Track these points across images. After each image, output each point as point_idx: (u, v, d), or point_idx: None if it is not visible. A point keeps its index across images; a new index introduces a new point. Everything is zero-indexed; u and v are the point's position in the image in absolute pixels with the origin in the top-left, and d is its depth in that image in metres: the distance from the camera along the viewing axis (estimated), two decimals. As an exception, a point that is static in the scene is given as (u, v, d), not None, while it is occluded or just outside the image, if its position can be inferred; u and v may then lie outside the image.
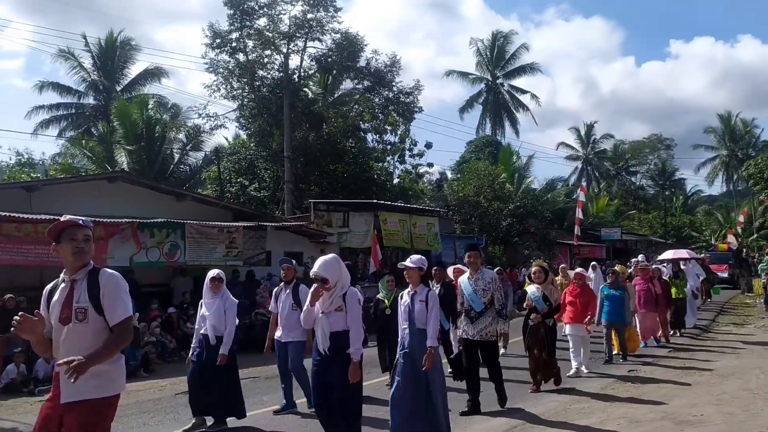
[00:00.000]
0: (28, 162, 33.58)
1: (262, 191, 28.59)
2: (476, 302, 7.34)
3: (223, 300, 7.22)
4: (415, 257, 6.44)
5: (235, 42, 27.27)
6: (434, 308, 6.17)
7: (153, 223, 13.49)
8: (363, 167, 29.30)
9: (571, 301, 10.06)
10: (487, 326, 7.32)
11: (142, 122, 25.89)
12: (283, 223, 18.17)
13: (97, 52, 32.91)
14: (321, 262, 5.43)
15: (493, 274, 7.63)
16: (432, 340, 6.07)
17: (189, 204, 16.42)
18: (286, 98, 26.55)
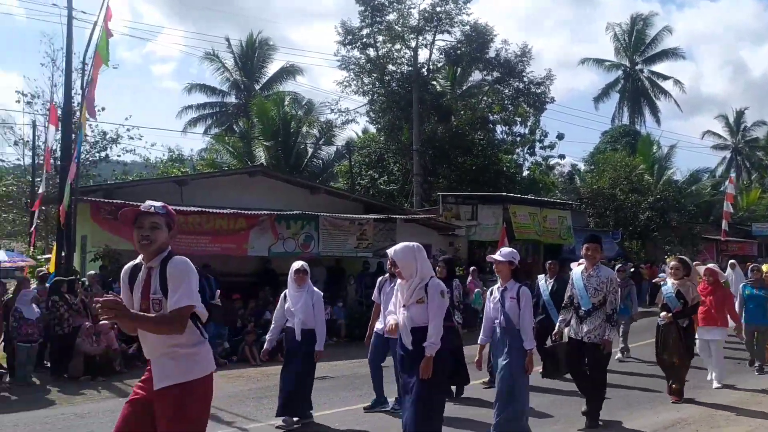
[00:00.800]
0: (178, 158, 36.25)
1: (392, 184, 29.05)
2: (585, 300, 6.60)
3: (309, 293, 6.93)
4: (505, 250, 6.10)
5: (365, 38, 27.86)
6: (527, 306, 5.81)
7: (289, 215, 14.15)
8: (492, 159, 28.96)
9: (701, 302, 9.20)
10: (595, 328, 6.56)
11: (279, 119, 27.18)
12: (412, 216, 18.38)
13: (239, 53, 34.88)
14: (397, 247, 5.16)
15: (611, 274, 6.80)
16: (530, 341, 5.76)
17: (322, 197, 17.04)
18: (415, 92, 26.79)
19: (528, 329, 5.78)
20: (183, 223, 12.45)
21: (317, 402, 7.70)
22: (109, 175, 27.52)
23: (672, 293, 7.86)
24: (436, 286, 5.04)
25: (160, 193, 14.08)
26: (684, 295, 7.79)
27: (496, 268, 5.99)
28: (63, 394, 9.07)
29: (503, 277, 5.93)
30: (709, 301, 8.94)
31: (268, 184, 16.40)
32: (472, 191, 23.55)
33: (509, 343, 5.90)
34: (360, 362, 10.01)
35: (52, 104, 17.40)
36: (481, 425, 6.51)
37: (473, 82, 31.31)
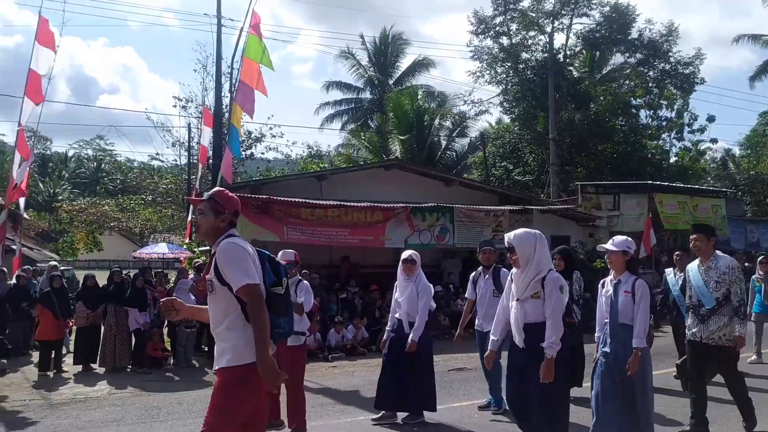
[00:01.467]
0: (317, 154, 37.73)
1: (527, 175, 28.49)
2: (706, 297, 5.83)
3: (416, 284, 6.67)
4: (618, 239, 5.46)
5: (498, 26, 27.46)
6: (643, 300, 5.17)
7: (424, 208, 14.29)
8: (635, 146, 27.54)
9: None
10: (722, 327, 5.78)
11: (413, 112, 27.47)
12: (549, 207, 17.92)
13: (372, 49, 35.62)
14: (517, 231, 4.93)
15: (731, 261, 5.94)
16: (640, 339, 5.13)
17: (456, 189, 17.03)
18: (551, 79, 26.04)
19: (642, 327, 5.16)
20: (323, 216, 12.97)
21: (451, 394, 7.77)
22: (254, 172, 29.18)
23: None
24: (554, 280, 4.73)
25: (301, 188, 14.76)
26: None
27: (609, 259, 5.43)
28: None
29: (616, 268, 5.40)
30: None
31: (403, 177, 16.64)
32: (614, 180, 22.55)
33: (623, 341, 5.29)
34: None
35: (205, 107, 18.71)
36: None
37: (614, 66, 29.95)
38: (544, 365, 4.57)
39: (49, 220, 48.39)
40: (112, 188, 51.19)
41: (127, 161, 58.06)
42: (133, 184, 36.92)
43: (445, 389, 8.25)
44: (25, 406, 7.96)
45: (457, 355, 10.47)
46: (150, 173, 35.17)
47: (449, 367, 10.09)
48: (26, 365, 10.85)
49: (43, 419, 7.26)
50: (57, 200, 51.50)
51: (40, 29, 10.97)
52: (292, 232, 12.80)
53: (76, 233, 43.19)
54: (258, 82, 10.64)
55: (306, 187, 14.99)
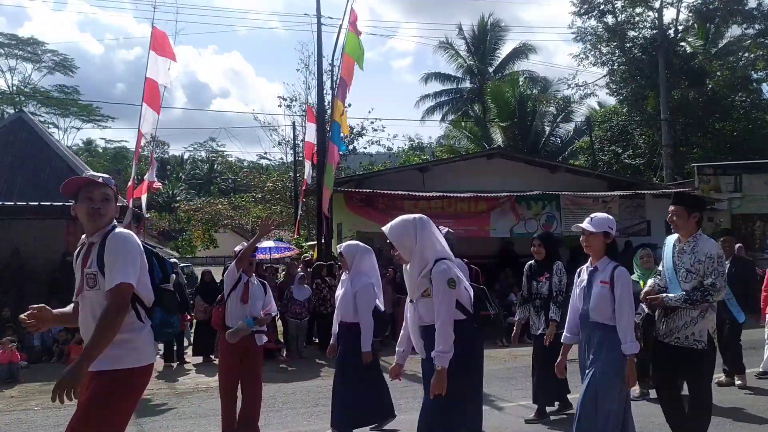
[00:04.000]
0: (418, 146, 37.84)
1: (637, 158, 27.25)
2: (674, 284, 4.63)
3: (351, 281, 5.79)
4: (599, 216, 4.48)
5: (602, 5, 26.36)
6: (625, 292, 4.16)
7: (529, 196, 14.03)
8: (757, 123, 25.67)
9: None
10: (687, 325, 4.54)
11: (514, 99, 26.98)
12: (663, 191, 17.08)
13: (471, 38, 35.22)
14: (390, 224, 3.99)
15: (713, 248, 4.58)
16: (630, 343, 4.11)
17: (562, 175, 16.59)
18: (661, 56, 24.71)
19: (627, 326, 4.14)
20: (426, 208, 13.02)
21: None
22: (357, 167, 29.67)
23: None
24: (441, 273, 3.76)
25: (403, 181, 14.88)
26: None
27: (585, 240, 4.44)
28: (330, 368, 10.04)
29: (594, 253, 4.40)
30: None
31: (506, 165, 16.40)
32: (734, 160, 21.14)
33: (599, 343, 4.28)
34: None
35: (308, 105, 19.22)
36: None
37: (731, 39, 27.98)
38: (434, 378, 3.71)
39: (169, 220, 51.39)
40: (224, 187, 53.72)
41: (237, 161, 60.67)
42: (244, 183, 38.53)
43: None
44: (153, 394, 8.51)
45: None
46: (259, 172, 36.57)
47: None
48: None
49: (169, 407, 7.74)
50: (175, 201, 54.61)
51: (155, 39, 11.62)
52: (397, 224, 12.91)
53: (193, 231, 45.61)
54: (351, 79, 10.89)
55: (409, 180, 15.09)
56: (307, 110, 17.39)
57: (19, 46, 39.93)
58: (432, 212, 13.10)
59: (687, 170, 22.07)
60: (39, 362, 11.17)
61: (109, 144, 62.04)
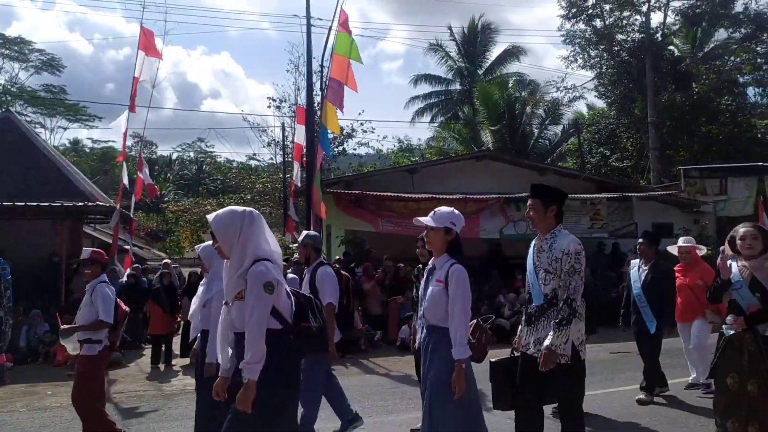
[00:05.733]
0: (408, 148, 37.91)
1: (625, 161, 27.45)
2: (535, 289, 4.22)
3: (208, 285, 5.04)
4: (442, 211, 4.05)
5: (591, 8, 26.55)
6: (459, 292, 3.78)
7: (518, 198, 14.07)
8: (742, 126, 25.92)
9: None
10: (550, 336, 4.04)
11: (503, 102, 27.08)
12: (650, 193, 17.21)
13: (461, 40, 35.31)
14: (215, 213, 3.57)
15: (571, 244, 4.12)
16: (459, 347, 3.74)
17: (551, 177, 16.66)
18: (649, 60, 24.92)
19: (459, 329, 3.77)
20: (416, 209, 13.02)
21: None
22: (346, 168, 29.67)
23: (741, 281, 4.56)
24: (259, 273, 3.31)
25: (393, 182, 14.89)
26: (764, 286, 4.52)
27: (426, 236, 4.08)
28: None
29: (435, 250, 4.05)
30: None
31: (495, 167, 16.46)
32: (720, 163, 21.34)
33: (433, 348, 3.93)
34: (598, 347, 9.73)
35: (298, 106, 19.22)
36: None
37: (717, 42, 28.27)
38: (241, 392, 3.27)
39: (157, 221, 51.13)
40: (213, 188, 53.48)
41: (226, 162, 60.45)
42: (233, 184, 38.43)
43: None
44: (140, 396, 8.47)
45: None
46: (248, 173, 36.49)
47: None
48: (139, 358, 11.54)
49: (156, 408, 7.70)
50: (163, 201, 54.35)
51: (143, 39, 11.60)
52: (387, 224, 12.99)
53: (181, 232, 45.41)
54: (348, 77, 10.78)
55: (398, 181, 15.11)
56: (297, 111, 17.38)
57: (6, 45, 39.61)
58: (421, 213, 12.92)
59: (673, 173, 22.25)
60: (24, 363, 11.08)
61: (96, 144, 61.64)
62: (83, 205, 13.06)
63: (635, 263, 7.21)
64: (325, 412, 5.57)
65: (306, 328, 3.52)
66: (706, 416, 5.08)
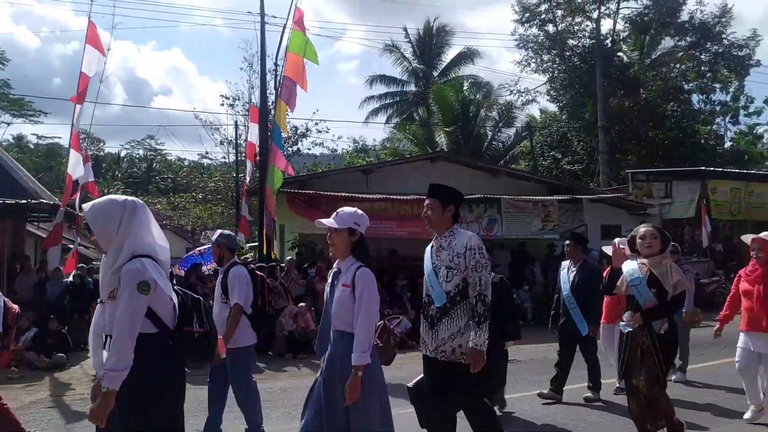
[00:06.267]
0: (362, 148, 37.88)
1: (576, 164, 28.00)
2: (435, 289, 4.14)
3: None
4: (344, 212, 3.85)
5: (543, 14, 27.01)
6: (365, 297, 3.64)
7: (471, 199, 14.19)
8: (687, 132, 26.76)
9: (747, 291, 5.83)
10: (455, 335, 4.03)
11: (458, 104, 27.30)
12: (599, 196, 17.59)
13: (417, 42, 35.44)
14: (92, 202, 3.24)
15: (471, 239, 4.11)
16: (361, 353, 3.58)
17: (504, 179, 16.88)
18: (599, 65, 25.48)
19: (363, 335, 3.61)
20: (370, 210, 12.87)
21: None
22: (301, 168, 29.48)
23: (640, 278, 4.73)
24: (133, 271, 2.99)
25: (347, 183, 14.84)
26: (660, 282, 4.69)
27: (329, 239, 3.86)
28: (270, 370, 9.91)
29: (339, 253, 3.85)
30: (759, 291, 5.69)
31: (449, 168, 16.57)
32: (666, 167, 21.98)
33: (342, 354, 3.73)
34: (547, 346, 9.85)
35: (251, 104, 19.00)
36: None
37: (664, 50, 29.14)
38: (96, 404, 2.93)
39: (105, 220, 49.85)
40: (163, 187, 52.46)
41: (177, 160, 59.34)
42: (184, 183, 37.76)
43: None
44: (84, 399, 8.21)
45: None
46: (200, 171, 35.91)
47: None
48: (84, 360, 11.19)
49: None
50: (111, 200, 52.85)
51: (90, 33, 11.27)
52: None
53: (130, 232, 44.27)
54: (301, 77, 10.70)
55: (352, 181, 15.07)
56: (250, 110, 17.16)
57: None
58: (376, 214, 13.11)
59: (622, 176, 22.78)
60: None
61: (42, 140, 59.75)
62: (26, 202, 12.63)
63: (565, 264, 7.17)
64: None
65: (188, 333, 3.23)
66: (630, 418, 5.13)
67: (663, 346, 4.70)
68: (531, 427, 6.06)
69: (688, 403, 6.67)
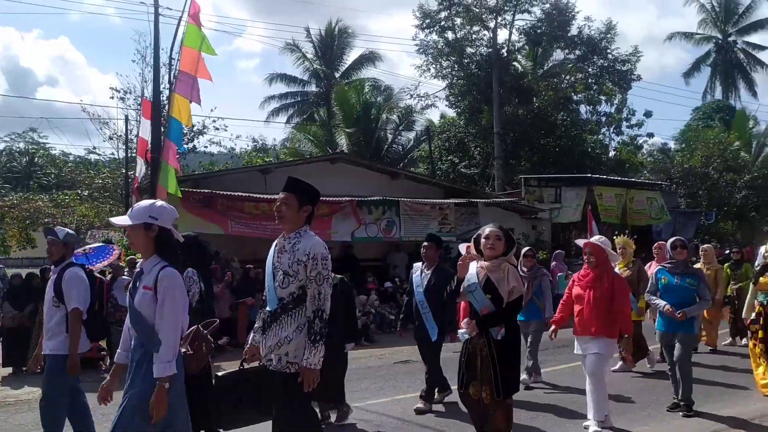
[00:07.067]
0: (262, 148, 37.20)
1: (472, 168, 28.74)
2: (270, 292, 3.84)
3: None
4: (140, 205, 3.57)
5: (443, 21, 27.56)
6: (168, 302, 3.33)
7: (370, 201, 14.24)
8: (576, 140, 28.17)
9: (579, 296, 5.90)
10: (281, 343, 3.72)
11: (359, 106, 27.38)
12: (494, 200, 18.13)
13: (318, 42, 35.27)
14: None
15: (315, 246, 3.78)
16: (163, 365, 3.27)
17: (403, 182, 17.04)
18: (495, 74, 26.31)
19: (165, 344, 3.30)
20: (267, 210, 12.73)
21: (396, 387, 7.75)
22: (196, 166, 28.53)
23: (476, 283, 4.62)
24: None
25: (245, 182, 14.47)
26: (497, 288, 4.57)
27: (128, 237, 3.69)
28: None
29: (141, 250, 3.59)
30: (589, 296, 5.76)
31: (349, 170, 16.54)
32: (556, 173, 23.01)
33: (138, 365, 3.42)
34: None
35: (144, 98, 18.17)
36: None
37: (555, 62, 30.51)
38: None
39: (-21, 217, 46.32)
40: (46, 183, 49.34)
41: (62, 155, 56.02)
42: (68, 179, 35.64)
43: (390, 382, 8.51)
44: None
45: (403, 347, 10.46)
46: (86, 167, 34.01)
47: (394, 360, 10.17)
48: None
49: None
50: (-13, 195, 49.32)
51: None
52: (237, 226, 12.58)
53: (7, 230, 41.40)
54: (199, 69, 10.29)
55: (250, 181, 14.71)
56: (143, 104, 16.38)
57: None
58: (273, 214, 12.87)
59: (515, 181, 23.59)
60: None
61: None
62: None
63: (418, 266, 6.90)
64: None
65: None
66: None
67: (501, 353, 4.52)
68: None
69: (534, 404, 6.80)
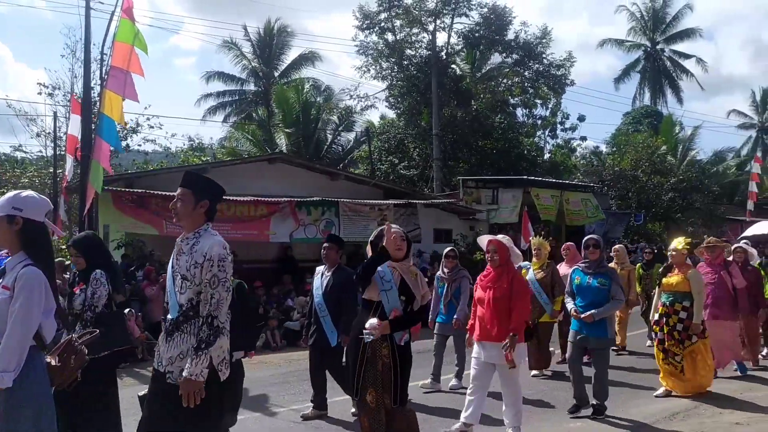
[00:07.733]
0: (198, 147, 36.41)
1: (412, 169, 28.95)
2: (171, 298, 3.51)
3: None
4: (4, 197, 3.34)
5: (383, 22, 27.67)
6: (22, 303, 3.05)
7: (309, 202, 14.14)
8: (512, 143, 28.77)
9: (479, 298, 5.66)
10: (182, 356, 3.37)
11: (299, 105, 27.16)
12: (432, 201, 18.30)
13: (257, 40, 34.75)
14: None
15: (215, 248, 3.41)
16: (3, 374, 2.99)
17: (342, 183, 17.01)
18: (434, 76, 26.58)
19: (8, 349, 3.02)
20: (204, 211, 12.53)
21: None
22: (130, 165, 27.73)
23: (392, 284, 4.48)
24: None
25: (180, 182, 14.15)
26: (411, 290, 4.47)
27: None
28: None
29: (6, 245, 3.34)
30: (489, 297, 5.50)
31: (288, 170, 16.39)
32: (493, 175, 23.42)
33: None
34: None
35: (73, 95, 17.55)
36: None
37: (493, 65, 31.06)
38: None
39: None
40: (-32, 182, 47.04)
41: (-15, 152, 53.48)
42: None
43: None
44: None
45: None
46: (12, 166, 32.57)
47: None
48: None
49: None
50: None
51: None
52: (172, 227, 12.26)
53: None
54: (131, 64, 9.97)
55: (186, 181, 14.39)
56: (72, 100, 15.80)
57: None
58: (210, 215, 12.64)
59: (454, 182, 23.89)
60: None
61: None
62: None
63: (319, 270, 6.59)
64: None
65: None
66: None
67: (404, 359, 4.38)
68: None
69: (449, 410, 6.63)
